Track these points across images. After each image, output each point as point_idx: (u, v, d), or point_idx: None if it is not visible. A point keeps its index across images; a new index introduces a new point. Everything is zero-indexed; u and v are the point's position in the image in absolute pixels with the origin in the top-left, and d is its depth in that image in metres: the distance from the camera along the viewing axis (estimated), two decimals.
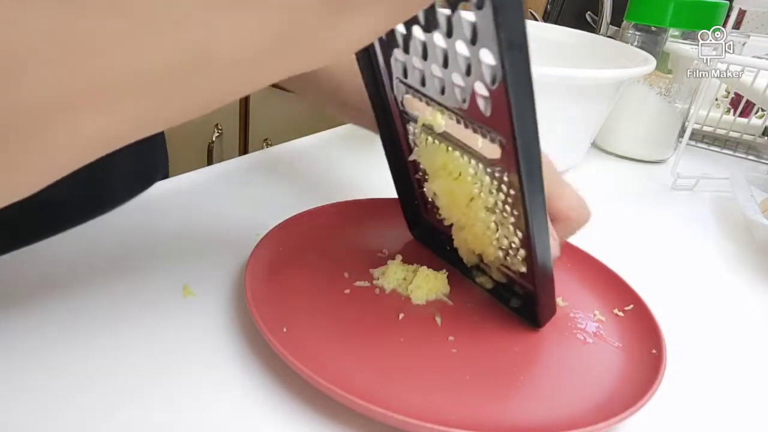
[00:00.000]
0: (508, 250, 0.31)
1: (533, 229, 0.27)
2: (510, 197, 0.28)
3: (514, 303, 0.33)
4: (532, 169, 0.25)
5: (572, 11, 0.96)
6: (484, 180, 0.29)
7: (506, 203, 0.28)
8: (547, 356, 0.30)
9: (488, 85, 0.23)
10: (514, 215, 0.28)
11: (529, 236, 0.27)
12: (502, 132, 0.24)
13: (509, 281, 0.33)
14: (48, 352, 0.28)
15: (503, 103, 0.22)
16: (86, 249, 0.36)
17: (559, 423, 0.25)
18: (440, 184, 0.32)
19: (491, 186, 0.28)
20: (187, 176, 0.48)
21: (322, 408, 0.26)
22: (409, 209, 0.38)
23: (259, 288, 0.31)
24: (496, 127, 0.25)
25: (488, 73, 0.22)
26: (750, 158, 0.70)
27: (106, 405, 0.25)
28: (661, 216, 0.53)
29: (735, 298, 0.41)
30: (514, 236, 0.29)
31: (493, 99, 0.23)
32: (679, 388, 0.30)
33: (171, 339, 0.29)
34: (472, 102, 0.25)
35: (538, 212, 0.26)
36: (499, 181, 0.28)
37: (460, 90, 0.25)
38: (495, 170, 0.27)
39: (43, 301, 0.31)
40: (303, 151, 0.56)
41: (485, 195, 0.29)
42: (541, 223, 0.27)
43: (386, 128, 0.33)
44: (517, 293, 0.33)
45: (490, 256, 0.33)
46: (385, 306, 0.33)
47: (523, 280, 0.31)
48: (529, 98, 0.22)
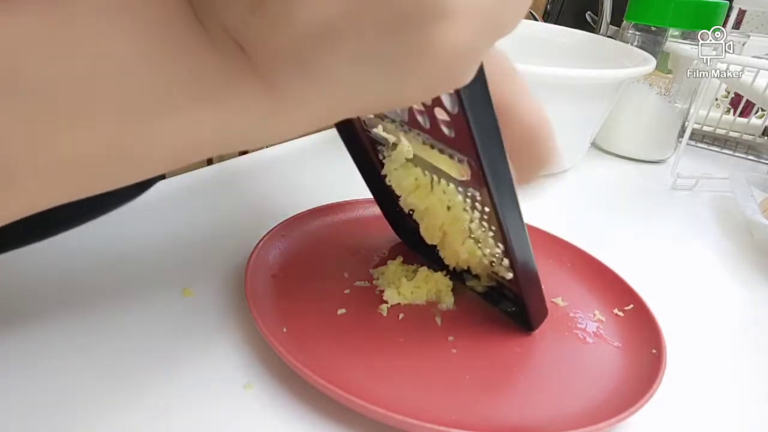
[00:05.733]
0: (492, 260, 0.31)
1: (512, 243, 0.27)
2: (485, 214, 0.27)
3: (505, 306, 0.33)
4: (502, 187, 0.24)
5: (572, 11, 0.96)
6: (456, 199, 0.29)
7: (483, 220, 0.28)
8: (547, 356, 0.30)
9: (449, 111, 0.22)
10: (492, 230, 0.28)
11: (509, 250, 0.27)
12: (467, 153, 0.24)
13: (499, 285, 0.33)
14: (47, 352, 0.28)
15: (464, 126, 0.22)
16: (86, 249, 0.36)
17: (559, 423, 0.25)
18: (414, 203, 0.32)
19: (464, 204, 0.28)
20: (186, 176, 0.48)
21: (321, 408, 0.26)
22: (392, 215, 0.38)
23: (259, 288, 0.31)
24: (460, 148, 0.24)
25: (448, 100, 0.22)
26: (750, 158, 0.70)
27: (105, 405, 0.25)
28: (661, 216, 0.53)
29: (735, 298, 0.41)
30: (496, 248, 0.29)
31: (454, 122, 0.23)
32: (679, 388, 0.30)
33: (171, 339, 0.29)
34: (435, 124, 0.24)
35: (514, 227, 0.26)
36: (472, 199, 0.28)
37: (421, 115, 0.25)
38: (467, 190, 0.27)
39: (43, 301, 0.31)
40: (303, 152, 0.56)
41: (460, 214, 0.29)
42: (520, 236, 0.27)
43: (353, 145, 0.33)
44: (507, 296, 0.33)
45: (477, 268, 0.33)
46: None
47: (512, 285, 0.31)
48: (489, 120, 0.22)
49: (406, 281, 0.33)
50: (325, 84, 0.15)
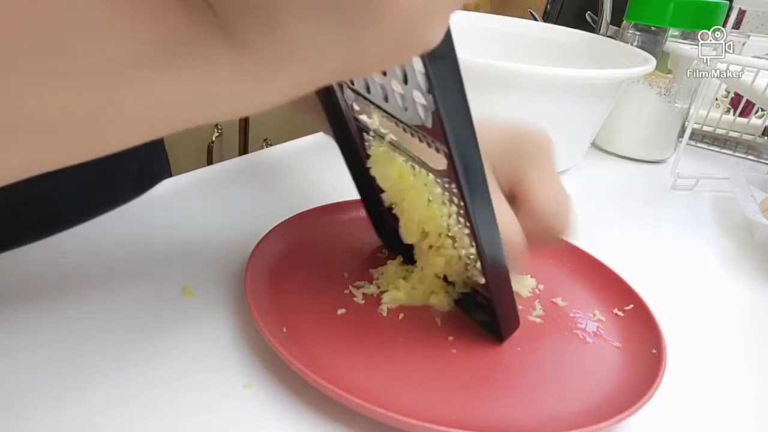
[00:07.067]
0: (467, 263, 0.30)
1: (481, 237, 0.26)
2: (461, 209, 0.27)
3: (476, 315, 0.32)
4: (473, 179, 0.24)
5: (572, 11, 0.96)
6: (435, 191, 0.28)
7: (459, 215, 0.28)
8: (547, 356, 0.30)
9: (424, 94, 0.22)
10: (468, 226, 0.27)
11: (479, 246, 0.27)
12: (442, 142, 0.23)
13: (473, 292, 0.33)
14: (46, 352, 0.28)
15: (437, 112, 0.21)
16: (86, 249, 0.36)
17: (559, 423, 0.25)
18: (396, 194, 0.31)
19: (443, 197, 0.28)
20: (186, 176, 0.48)
21: (321, 408, 0.26)
22: (375, 215, 0.37)
23: (259, 288, 0.31)
24: (437, 137, 0.24)
25: (423, 81, 0.21)
26: (750, 158, 0.70)
27: (105, 405, 0.25)
28: (661, 216, 0.53)
29: (735, 298, 0.41)
30: (471, 248, 0.29)
31: (430, 108, 0.22)
32: (679, 388, 0.30)
33: (171, 339, 0.29)
34: (414, 111, 0.24)
35: (485, 223, 0.26)
36: (450, 192, 0.27)
37: (401, 98, 0.24)
38: (444, 181, 0.27)
39: (42, 300, 0.31)
40: (303, 151, 0.56)
41: (439, 208, 0.29)
42: (491, 232, 0.26)
43: (341, 137, 0.33)
44: (480, 304, 0.32)
45: (452, 273, 0.32)
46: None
47: (484, 291, 0.31)
48: (461, 108, 0.21)
49: (403, 282, 0.33)
50: (289, 42, 0.15)
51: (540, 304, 0.34)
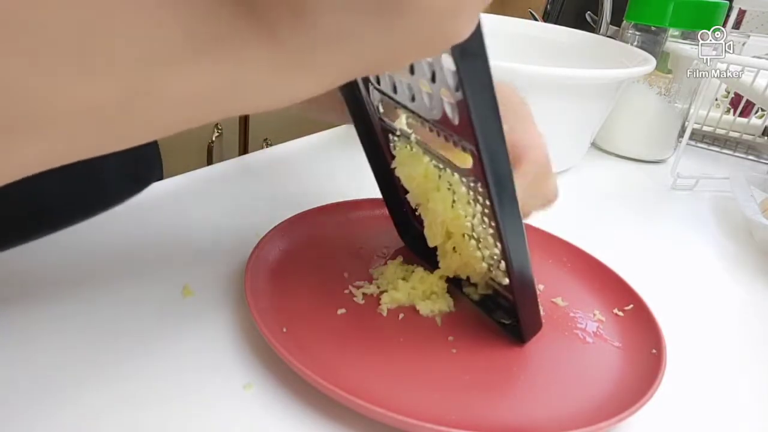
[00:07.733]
0: (491, 263, 0.30)
1: (507, 237, 0.26)
2: (486, 208, 0.27)
3: (498, 316, 0.32)
4: (499, 176, 0.24)
5: (572, 11, 0.96)
6: (460, 191, 0.28)
7: (484, 215, 0.28)
8: (547, 356, 0.30)
9: (453, 92, 0.22)
10: (492, 226, 0.28)
11: (504, 246, 0.27)
12: (470, 140, 0.24)
13: (495, 293, 0.33)
14: (45, 352, 0.28)
15: (465, 107, 0.22)
16: (86, 249, 0.36)
17: (559, 423, 0.25)
18: (421, 194, 0.31)
19: (468, 197, 0.28)
20: (187, 176, 0.48)
21: (321, 408, 0.26)
22: (398, 216, 0.37)
23: (259, 288, 0.31)
24: (464, 135, 0.24)
25: (452, 79, 0.21)
26: (750, 158, 0.70)
27: (105, 404, 0.25)
28: (661, 216, 0.53)
29: (735, 298, 0.41)
30: (495, 248, 0.29)
31: (458, 106, 0.23)
32: (679, 388, 0.30)
33: (171, 339, 0.29)
34: (440, 110, 0.24)
35: (511, 222, 0.26)
36: (474, 192, 0.27)
37: (429, 97, 0.25)
38: (470, 180, 0.27)
39: (41, 299, 0.31)
40: (303, 151, 0.56)
41: (464, 208, 0.29)
42: (517, 232, 0.26)
43: (366, 137, 0.33)
44: (502, 306, 0.32)
45: (475, 274, 0.33)
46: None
47: (507, 292, 0.31)
48: (490, 106, 0.22)
49: (403, 282, 0.33)
50: (320, 33, 0.15)
51: (540, 305, 0.34)
